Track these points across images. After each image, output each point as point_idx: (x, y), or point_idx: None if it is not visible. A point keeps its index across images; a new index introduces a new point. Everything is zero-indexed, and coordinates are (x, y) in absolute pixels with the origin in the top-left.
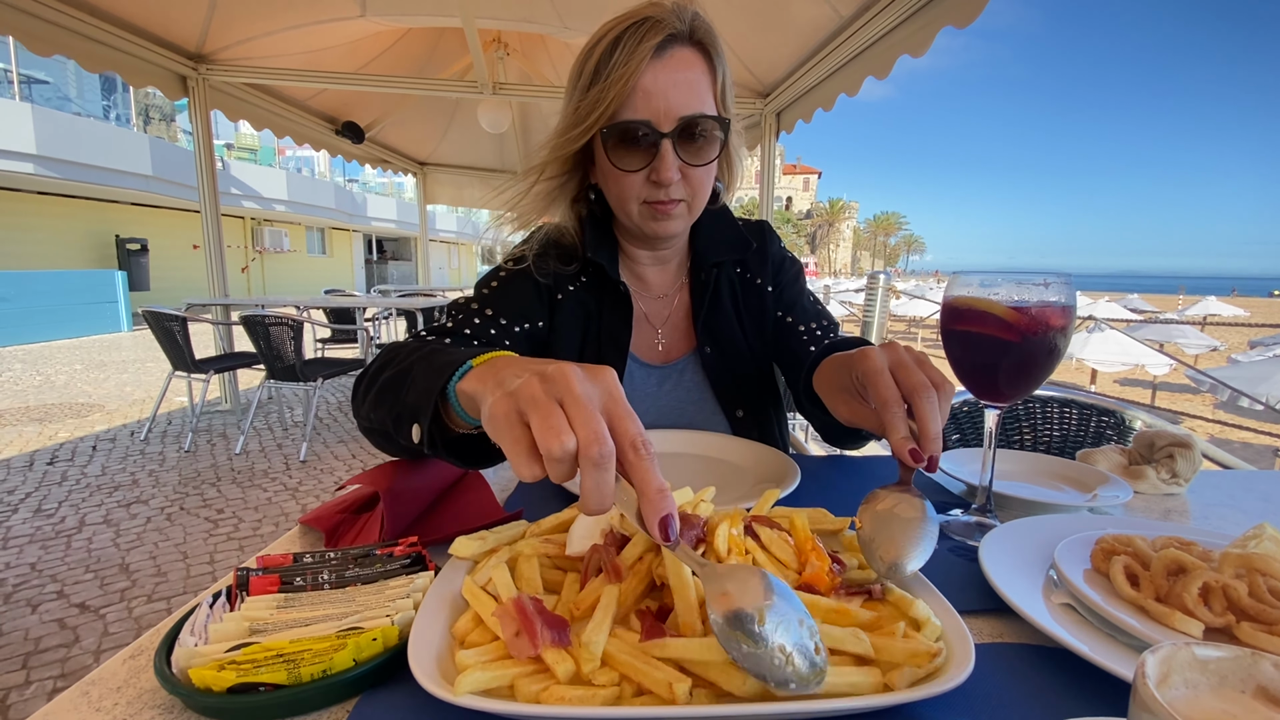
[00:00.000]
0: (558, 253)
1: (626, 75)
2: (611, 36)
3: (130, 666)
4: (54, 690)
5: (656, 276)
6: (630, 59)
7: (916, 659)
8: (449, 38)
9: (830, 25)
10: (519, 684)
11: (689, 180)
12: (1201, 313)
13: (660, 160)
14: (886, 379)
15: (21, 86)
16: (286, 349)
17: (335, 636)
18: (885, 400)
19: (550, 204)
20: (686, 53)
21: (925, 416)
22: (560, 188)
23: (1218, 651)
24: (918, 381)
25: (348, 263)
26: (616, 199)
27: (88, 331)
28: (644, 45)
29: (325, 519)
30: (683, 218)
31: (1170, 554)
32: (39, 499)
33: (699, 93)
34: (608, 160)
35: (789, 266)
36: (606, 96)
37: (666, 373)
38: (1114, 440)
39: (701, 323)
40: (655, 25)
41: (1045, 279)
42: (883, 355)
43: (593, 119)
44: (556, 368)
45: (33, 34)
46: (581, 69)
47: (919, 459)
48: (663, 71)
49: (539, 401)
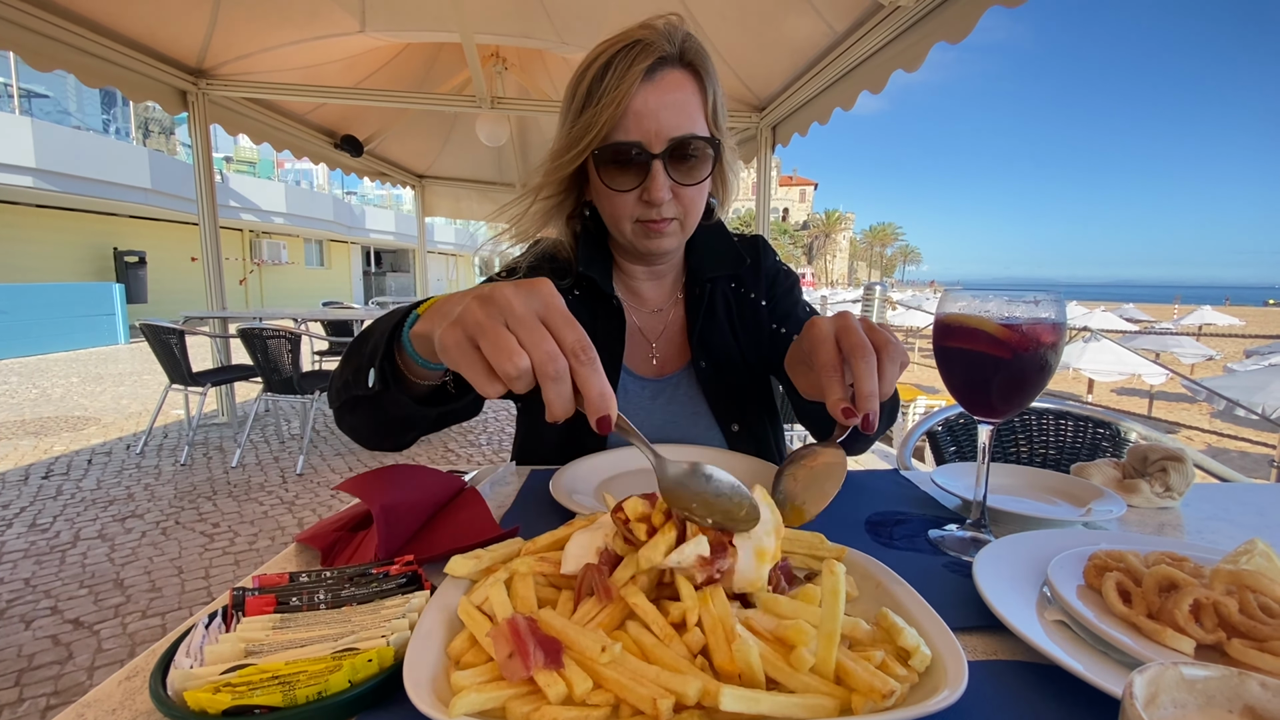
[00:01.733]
0: (552, 267)
1: (618, 98)
2: (603, 60)
3: (125, 688)
4: (47, 707)
5: (652, 291)
6: (621, 82)
7: (872, 694)
8: (447, 53)
9: (825, 41)
10: (510, 705)
11: (681, 199)
12: (1197, 322)
13: (652, 180)
14: (828, 345)
15: (21, 100)
16: (284, 362)
17: (331, 658)
18: (824, 364)
19: (547, 221)
20: (677, 74)
21: (860, 375)
22: (557, 206)
23: (1205, 671)
24: (856, 342)
25: (346, 275)
26: (610, 218)
27: (85, 344)
28: (634, 68)
29: (321, 537)
30: (676, 235)
31: (1162, 570)
32: (34, 513)
33: (689, 113)
34: (601, 181)
35: (783, 279)
36: (599, 120)
37: (661, 386)
38: (1109, 452)
39: (696, 337)
40: (645, 48)
41: (1036, 295)
42: (830, 323)
43: (585, 142)
44: (493, 289)
45: (33, 49)
46: (574, 92)
47: (851, 416)
48: (653, 94)
49: (484, 326)
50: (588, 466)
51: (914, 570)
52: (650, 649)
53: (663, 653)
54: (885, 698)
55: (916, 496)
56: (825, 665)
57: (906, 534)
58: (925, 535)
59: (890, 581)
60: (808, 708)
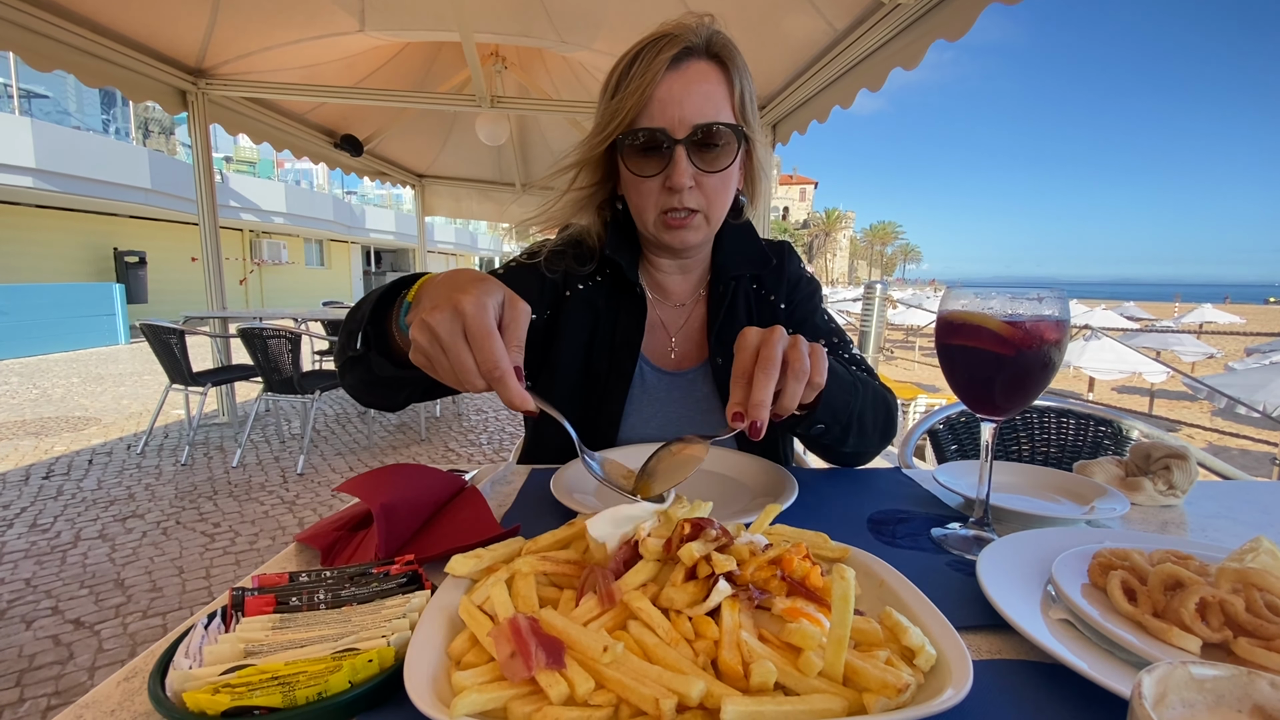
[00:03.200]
0: (575, 252)
1: (643, 85)
2: (633, 51)
3: (125, 689)
4: (48, 708)
5: (677, 285)
6: (647, 70)
7: (885, 690)
8: (447, 52)
9: (825, 39)
10: (512, 706)
11: (704, 189)
12: (1198, 320)
13: (674, 166)
14: (745, 354)
15: (21, 101)
16: (284, 361)
17: (331, 658)
18: (736, 369)
19: (579, 210)
20: (703, 65)
21: (756, 384)
22: (590, 196)
23: (1214, 670)
24: (766, 355)
25: (346, 274)
26: (636, 209)
27: (85, 344)
28: (660, 57)
29: (321, 537)
30: (700, 229)
31: (1167, 569)
32: (34, 514)
33: (714, 102)
34: (626, 167)
35: (805, 286)
36: (625, 105)
37: (676, 380)
38: (1111, 450)
39: (715, 334)
40: (672, 40)
41: (1039, 293)
42: (759, 333)
43: (613, 126)
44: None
45: (33, 50)
46: (608, 82)
47: (739, 420)
48: (678, 82)
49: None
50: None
51: (917, 569)
52: (652, 649)
53: (665, 653)
54: (900, 692)
55: (918, 495)
56: (834, 668)
57: (909, 532)
58: (928, 534)
59: (893, 580)
60: (815, 712)
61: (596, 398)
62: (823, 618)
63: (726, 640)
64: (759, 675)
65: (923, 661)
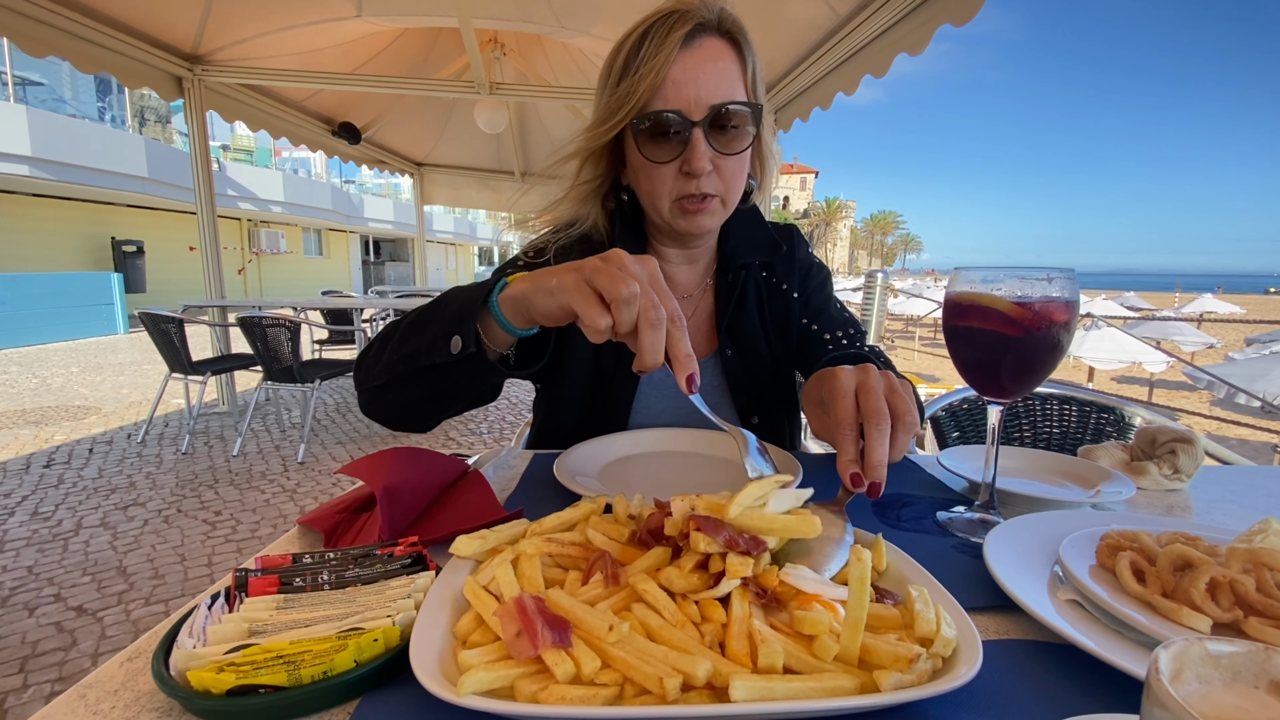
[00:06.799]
0: (583, 249)
1: (656, 67)
2: (640, 30)
3: (128, 669)
4: (51, 694)
5: (683, 276)
6: (659, 50)
7: (897, 663)
8: (445, 38)
9: (828, 24)
10: (518, 684)
11: (721, 172)
12: (1198, 310)
13: (692, 150)
14: (847, 401)
15: (16, 88)
16: (284, 350)
17: (336, 637)
18: (840, 421)
19: (583, 204)
20: (715, 42)
21: (872, 443)
22: (594, 191)
23: (1230, 646)
24: (875, 408)
25: (345, 264)
26: (648, 197)
27: (84, 334)
28: (673, 36)
29: (324, 519)
30: (717, 213)
31: (1177, 549)
32: (35, 502)
33: (729, 81)
34: (639, 154)
35: (816, 273)
36: (637, 88)
37: None
38: (1113, 437)
39: (725, 325)
40: (683, 16)
41: (1049, 274)
42: (852, 376)
43: (624, 112)
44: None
45: (27, 35)
46: (611, 65)
47: (859, 484)
48: (692, 61)
49: (602, 269)
50: (592, 450)
51: (923, 551)
52: (658, 630)
53: (671, 633)
54: (911, 663)
55: (923, 479)
56: (850, 652)
57: (914, 516)
58: (933, 517)
59: (901, 562)
60: (826, 690)
61: (605, 393)
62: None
63: (736, 630)
64: (766, 657)
65: (941, 647)
